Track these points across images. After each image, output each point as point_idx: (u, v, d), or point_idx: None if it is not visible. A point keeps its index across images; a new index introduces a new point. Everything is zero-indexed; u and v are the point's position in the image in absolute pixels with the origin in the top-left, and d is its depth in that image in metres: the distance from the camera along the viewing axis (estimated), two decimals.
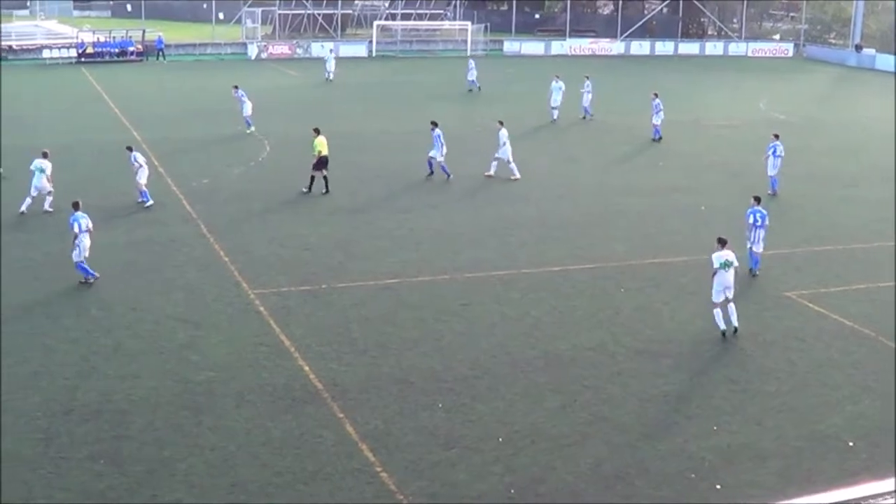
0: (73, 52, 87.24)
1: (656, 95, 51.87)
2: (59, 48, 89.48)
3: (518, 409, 21.02)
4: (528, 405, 21.19)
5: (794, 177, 42.97)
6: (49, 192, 34.97)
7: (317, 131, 39.32)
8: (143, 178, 36.33)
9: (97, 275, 28.26)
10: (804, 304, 27.52)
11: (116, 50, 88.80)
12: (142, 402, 20.95)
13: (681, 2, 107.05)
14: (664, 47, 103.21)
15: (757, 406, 21.32)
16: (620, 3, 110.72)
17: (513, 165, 41.90)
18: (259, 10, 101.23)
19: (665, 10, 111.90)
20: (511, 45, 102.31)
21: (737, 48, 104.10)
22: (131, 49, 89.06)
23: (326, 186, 38.88)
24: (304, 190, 38.78)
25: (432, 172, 42.06)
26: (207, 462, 18.53)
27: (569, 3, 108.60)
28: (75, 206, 28.58)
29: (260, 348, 23.86)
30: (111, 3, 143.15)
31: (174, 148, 47.06)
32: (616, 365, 23.37)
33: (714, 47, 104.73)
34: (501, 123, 42.58)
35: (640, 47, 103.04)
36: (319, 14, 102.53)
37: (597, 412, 20.90)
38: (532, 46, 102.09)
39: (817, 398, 21.80)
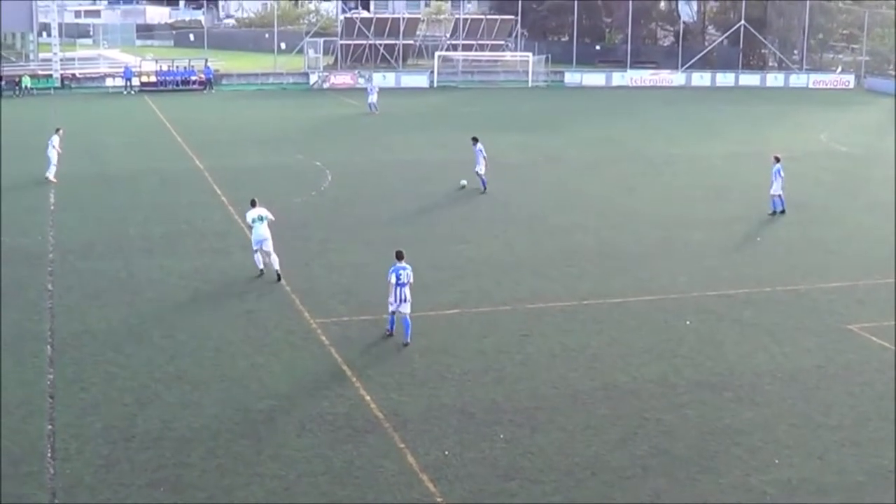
0: (137, 81, 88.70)
1: (778, 160, 41.73)
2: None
3: (578, 440, 20.94)
4: (589, 437, 21.10)
5: (856, 208, 42.74)
6: None
7: None
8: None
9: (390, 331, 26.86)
10: (866, 337, 27.20)
11: (179, 79, 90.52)
12: (203, 429, 21.11)
13: (741, 33, 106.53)
14: (725, 79, 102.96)
15: (818, 440, 21.13)
16: (681, 34, 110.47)
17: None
18: (321, 41, 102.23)
19: (725, 41, 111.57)
20: (572, 77, 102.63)
21: (797, 80, 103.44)
22: (193, 79, 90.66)
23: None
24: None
25: (485, 189, 44.49)
26: (268, 490, 18.61)
27: (629, 34, 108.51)
28: (398, 256, 26.37)
29: (321, 377, 24.02)
30: (174, 32, 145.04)
31: (235, 176, 47.51)
32: (677, 397, 23.21)
33: (775, 79, 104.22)
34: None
35: (701, 79, 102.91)
36: (381, 45, 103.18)
37: (657, 444, 20.78)
38: (593, 78, 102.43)
39: (879, 432, 21.55)
